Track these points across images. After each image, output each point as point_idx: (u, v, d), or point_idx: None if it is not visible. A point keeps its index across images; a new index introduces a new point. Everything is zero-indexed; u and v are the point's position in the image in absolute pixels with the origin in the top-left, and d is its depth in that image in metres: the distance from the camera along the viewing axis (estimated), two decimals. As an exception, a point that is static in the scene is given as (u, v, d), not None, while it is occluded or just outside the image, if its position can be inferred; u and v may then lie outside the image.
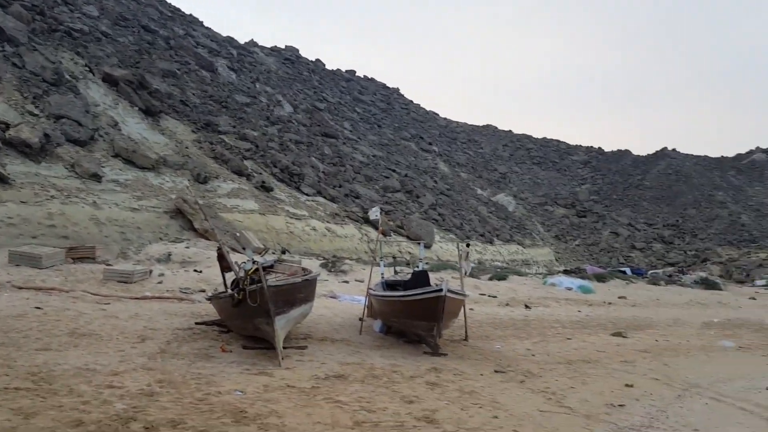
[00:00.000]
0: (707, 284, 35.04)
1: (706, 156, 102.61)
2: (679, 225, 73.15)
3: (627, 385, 8.30)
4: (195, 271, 15.17)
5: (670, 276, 39.18)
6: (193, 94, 32.72)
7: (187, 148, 25.39)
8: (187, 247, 17.20)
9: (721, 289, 33.88)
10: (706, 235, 69.44)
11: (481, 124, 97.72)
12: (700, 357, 11.91)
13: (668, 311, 21.27)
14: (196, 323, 9.85)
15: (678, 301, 24.65)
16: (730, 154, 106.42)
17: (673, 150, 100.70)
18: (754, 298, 29.45)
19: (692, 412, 7.17)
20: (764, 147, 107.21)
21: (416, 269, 12.15)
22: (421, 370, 8.16)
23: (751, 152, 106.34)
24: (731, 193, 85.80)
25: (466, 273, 12.08)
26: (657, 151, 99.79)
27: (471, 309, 14.25)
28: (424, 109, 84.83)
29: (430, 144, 66.84)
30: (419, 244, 14.09)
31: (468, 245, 25.30)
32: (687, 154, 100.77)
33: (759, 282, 44.56)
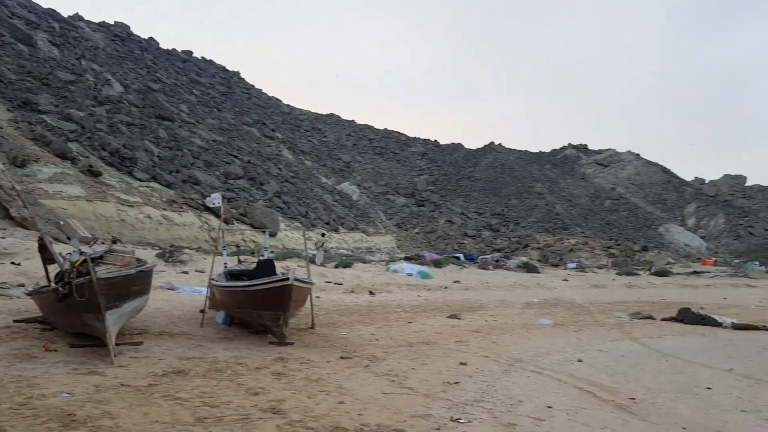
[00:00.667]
0: (528, 268, 38.64)
1: (527, 151, 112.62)
2: (504, 214, 79.75)
3: (461, 364, 8.88)
4: (12, 263, 13.60)
5: (497, 261, 42.56)
6: (9, 69, 29.06)
7: (1, 128, 22.51)
8: (3, 237, 15.32)
9: (539, 272, 37.55)
10: (527, 223, 76.51)
11: (324, 113, 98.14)
12: (523, 334, 13.10)
13: (496, 293, 23.12)
14: (15, 321, 8.87)
15: (504, 284, 26.88)
16: (547, 149, 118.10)
17: (499, 144, 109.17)
18: (566, 280, 33.04)
19: (517, 384, 7.87)
20: (575, 143, 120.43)
21: (261, 258, 11.95)
22: (267, 360, 8.05)
23: (564, 148, 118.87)
24: (547, 184, 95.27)
25: (318, 263, 12.21)
26: (485, 145, 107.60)
27: (317, 297, 14.34)
28: (266, 94, 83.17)
29: (273, 131, 65.83)
30: (264, 232, 13.88)
31: (323, 234, 25.40)
32: (511, 149, 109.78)
33: (570, 265, 50.12)
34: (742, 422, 6.79)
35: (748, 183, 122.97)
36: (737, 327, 17.78)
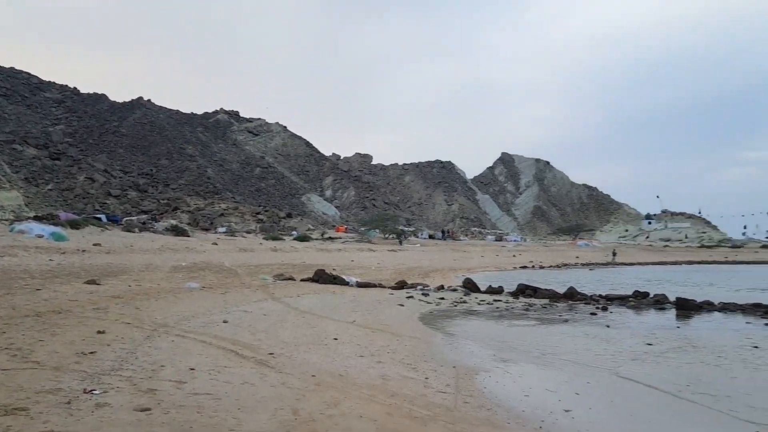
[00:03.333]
0: (177, 231, 37.73)
1: (179, 111, 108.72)
2: (154, 174, 75.96)
3: (99, 332, 8.24)
4: None
5: (144, 223, 40.39)
6: None
7: None
8: None
9: (189, 236, 37.01)
10: (177, 186, 74.40)
11: None
12: (169, 298, 12.82)
13: (142, 257, 21.99)
14: None
15: (151, 248, 25.73)
16: (199, 111, 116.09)
17: (149, 101, 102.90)
18: (216, 244, 33.38)
19: (159, 350, 7.68)
20: (228, 109, 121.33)
21: None
22: None
23: (216, 112, 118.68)
24: (199, 147, 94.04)
25: None
26: (133, 100, 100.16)
27: None
28: None
29: None
30: None
31: None
32: (162, 107, 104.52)
33: (221, 229, 50.78)
34: (359, 366, 7.96)
35: (374, 162, 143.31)
36: (360, 285, 20.64)
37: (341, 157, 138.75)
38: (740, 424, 6.33)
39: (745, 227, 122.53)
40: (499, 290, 20.76)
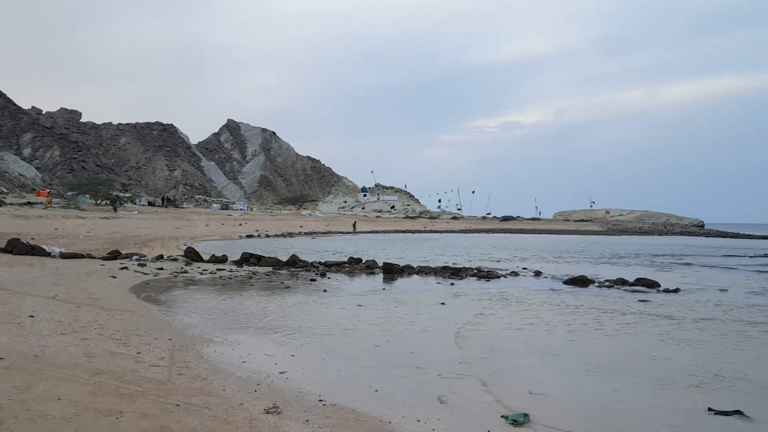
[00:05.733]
0: None
1: None
2: None
3: None
4: None
5: None
6: None
7: None
8: None
9: None
10: None
11: None
12: None
13: None
14: None
15: None
16: None
17: None
18: None
19: None
20: None
21: None
22: None
23: None
24: None
25: None
26: None
27: None
28: None
29: None
30: None
31: None
32: None
33: None
34: (60, 344, 7.15)
35: (83, 119, 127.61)
36: (65, 256, 18.47)
37: (43, 112, 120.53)
38: (406, 365, 7.39)
39: (439, 201, 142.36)
40: (222, 259, 20.56)
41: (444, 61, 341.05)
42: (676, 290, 16.15)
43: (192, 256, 20.53)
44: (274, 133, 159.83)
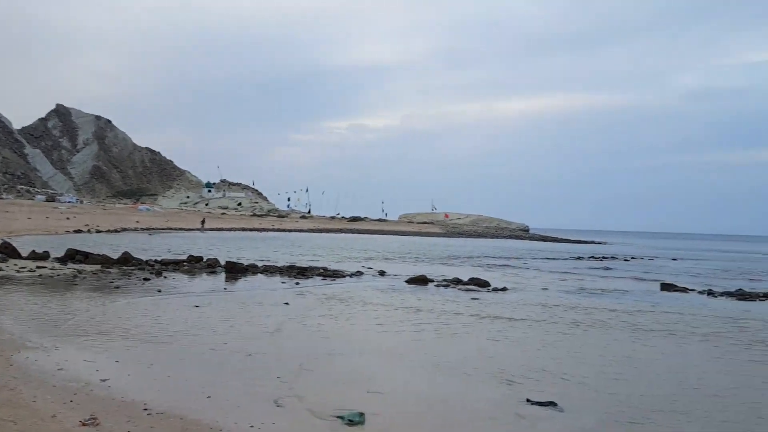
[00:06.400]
0: None
1: None
2: None
3: None
4: None
5: None
6: None
7: None
8: None
9: None
10: None
11: None
12: None
13: None
14: None
15: None
16: None
17: None
18: None
19: None
20: None
21: None
22: None
23: None
24: None
25: None
26: None
27: None
28: None
29: None
30: None
31: None
32: None
33: None
34: None
35: None
36: None
37: None
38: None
39: (289, 199, 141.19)
40: (44, 256, 18.58)
41: (295, 60, 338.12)
42: (504, 289, 17.48)
43: (8, 252, 18.31)
44: (109, 121, 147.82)
